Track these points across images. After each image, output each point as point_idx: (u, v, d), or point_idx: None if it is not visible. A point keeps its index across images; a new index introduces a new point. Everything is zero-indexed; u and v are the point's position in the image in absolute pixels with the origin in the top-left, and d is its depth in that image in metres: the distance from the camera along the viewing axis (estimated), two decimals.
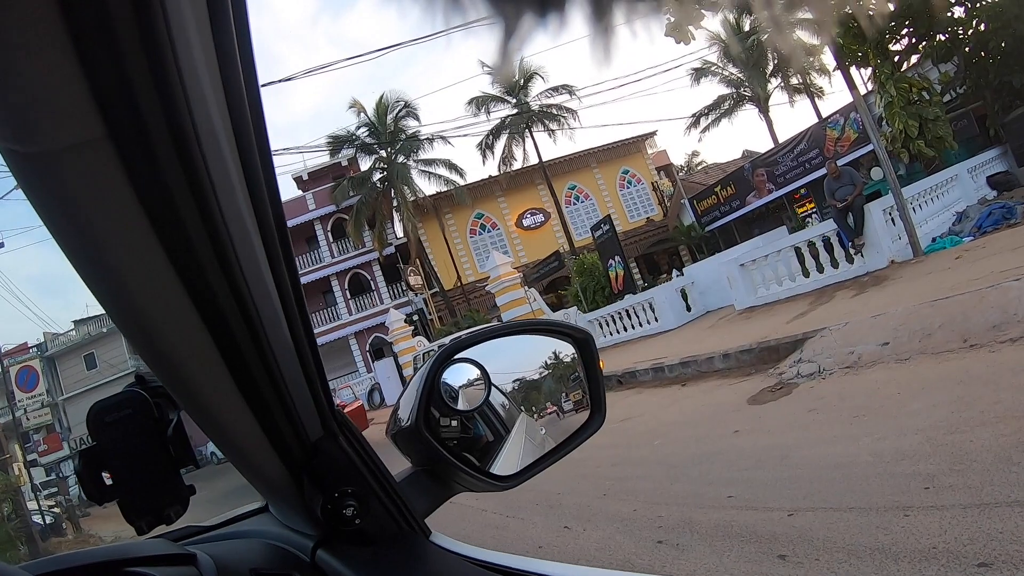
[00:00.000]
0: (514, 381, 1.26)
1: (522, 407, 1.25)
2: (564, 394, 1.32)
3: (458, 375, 1.14)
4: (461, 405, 1.13)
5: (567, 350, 1.33)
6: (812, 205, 27.10)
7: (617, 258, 22.91)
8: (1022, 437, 4.06)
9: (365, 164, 38.00)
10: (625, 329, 19.48)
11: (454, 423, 1.12)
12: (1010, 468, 3.72)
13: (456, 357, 1.16)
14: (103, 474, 0.86)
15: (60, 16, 0.46)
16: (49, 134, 0.52)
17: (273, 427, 0.85)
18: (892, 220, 12.82)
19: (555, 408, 1.30)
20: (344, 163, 39.34)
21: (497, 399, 1.20)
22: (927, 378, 6.09)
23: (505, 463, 1.15)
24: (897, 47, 19.75)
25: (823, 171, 14.83)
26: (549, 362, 1.31)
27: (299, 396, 0.85)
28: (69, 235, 0.60)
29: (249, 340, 0.72)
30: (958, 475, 3.89)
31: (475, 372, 1.16)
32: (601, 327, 20.52)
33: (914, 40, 19.65)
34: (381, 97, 36.28)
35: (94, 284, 0.64)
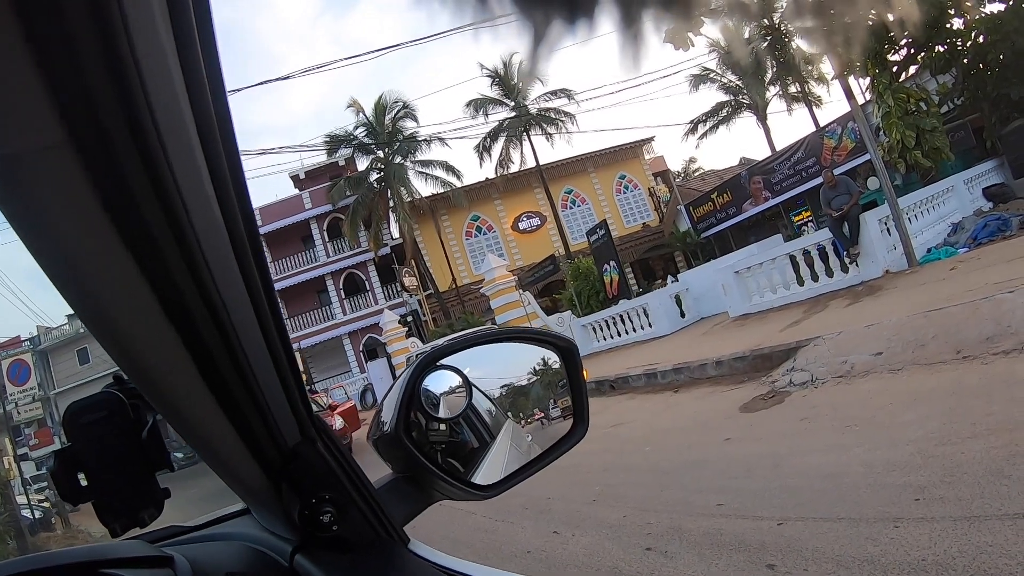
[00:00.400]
0: (502, 387, 1.25)
1: (509, 413, 1.24)
2: (552, 400, 1.31)
3: (440, 382, 1.14)
4: (442, 412, 1.12)
5: (556, 357, 1.32)
6: (808, 214, 27.15)
7: (612, 263, 22.91)
8: (1013, 450, 4.06)
9: (362, 164, 38.00)
10: (619, 334, 19.50)
11: (438, 429, 1.11)
12: (1001, 481, 3.71)
13: (438, 364, 1.15)
14: (78, 475, 0.86)
15: (16, 20, 0.45)
16: (9, 138, 0.50)
17: (249, 432, 0.83)
18: (888, 230, 12.84)
19: (542, 414, 1.29)
20: (341, 163, 39.31)
21: (484, 405, 1.19)
22: (919, 389, 6.09)
23: (489, 470, 1.14)
24: (895, 57, 19.82)
25: (820, 180, 14.86)
26: (538, 368, 1.31)
27: (275, 401, 0.83)
28: (34, 239, 0.58)
29: (221, 345, 0.71)
30: (949, 487, 3.89)
31: (456, 379, 1.15)
32: (595, 331, 20.54)
33: (913, 51, 19.73)
34: (380, 97, 36.33)
35: (62, 287, 0.63)
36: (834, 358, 7.83)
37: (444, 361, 1.16)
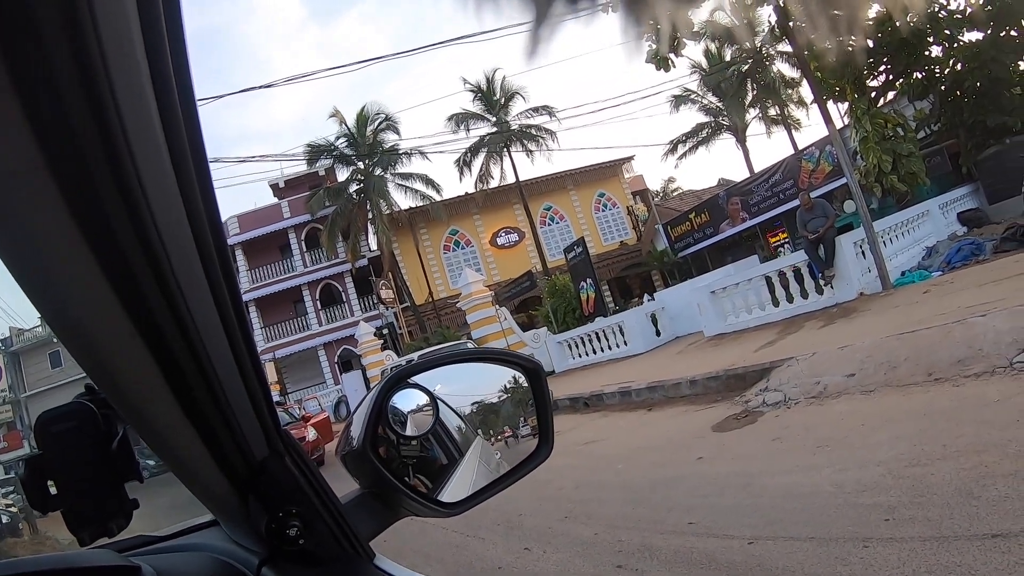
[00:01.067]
0: (473, 404, 1.26)
1: (479, 430, 1.25)
2: (522, 419, 1.32)
3: (408, 400, 1.15)
4: (409, 430, 1.13)
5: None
6: (785, 235, 27.40)
7: (589, 280, 22.98)
8: (983, 471, 4.11)
9: (342, 175, 37.91)
10: (595, 352, 19.53)
11: (407, 445, 1.12)
12: (970, 501, 3.75)
13: (407, 381, 1.16)
14: (48, 483, 0.86)
15: None
16: None
17: (217, 445, 0.84)
18: (863, 253, 13.00)
19: (511, 432, 1.30)
20: (321, 173, 39.21)
21: (453, 422, 1.20)
22: (891, 410, 6.15)
23: (457, 487, 1.15)
24: (874, 83, 20.13)
25: (797, 202, 15.02)
26: (508, 386, 1.32)
27: (243, 415, 0.84)
28: (8, 252, 0.59)
29: (190, 358, 0.72)
30: (918, 508, 3.92)
31: (424, 398, 1.16)
32: (571, 348, 20.57)
33: (891, 77, 20.05)
34: (362, 108, 36.32)
35: (34, 297, 0.64)
36: (807, 379, 7.89)
37: (413, 379, 1.17)
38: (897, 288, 12.30)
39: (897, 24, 17.69)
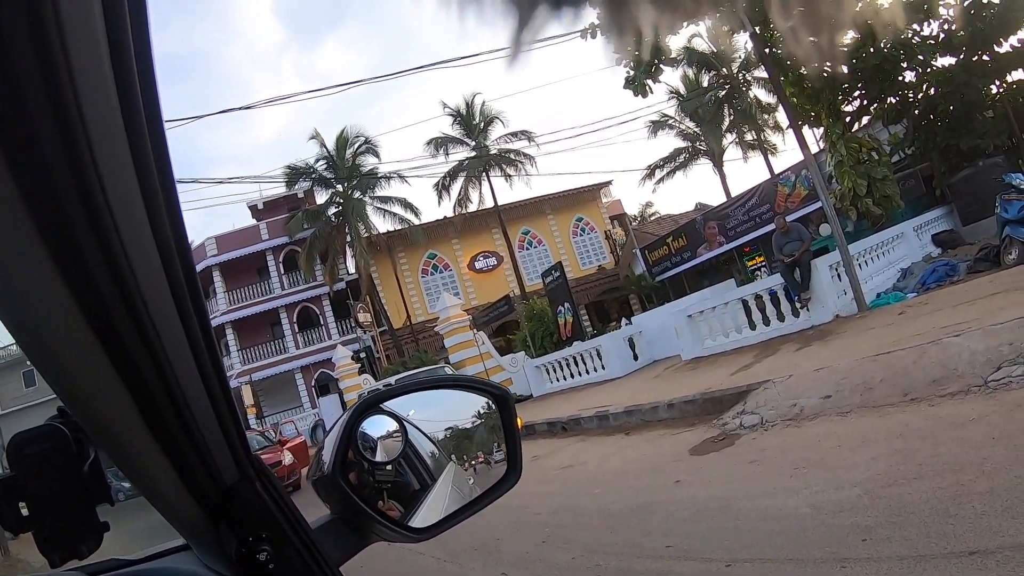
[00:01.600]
0: (446, 430, 1.27)
1: (452, 456, 1.25)
2: (496, 444, 1.33)
3: (378, 426, 1.15)
4: (379, 456, 1.13)
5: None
6: (762, 259, 27.61)
7: (567, 304, 23.03)
8: (959, 490, 4.15)
9: (321, 197, 37.84)
10: (572, 376, 19.51)
11: (382, 470, 1.12)
12: (947, 520, 3.78)
13: (378, 407, 1.16)
14: (20, 504, 0.87)
15: None
16: None
17: (187, 469, 0.84)
18: (838, 276, 13.13)
19: (484, 458, 1.30)
20: (300, 195, 39.11)
21: (426, 447, 1.21)
22: (867, 431, 6.19)
23: (428, 512, 1.15)
24: (849, 108, 20.43)
25: (773, 226, 15.17)
26: (482, 412, 1.32)
27: (213, 439, 0.84)
28: None
29: (160, 384, 0.72)
30: (895, 527, 3.95)
31: (394, 424, 1.17)
32: (548, 372, 20.55)
33: (865, 102, 20.37)
34: (342, 131, 36.35)
35: (5, 321, 0.64)
36: (784, 401, 7.94)
37: (385, 405, 1.18)
38: (873, 310, 12.41)
39: (872, 50, 18.03)
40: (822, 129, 19.90)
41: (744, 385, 9.26)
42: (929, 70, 19.49)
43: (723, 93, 34.79)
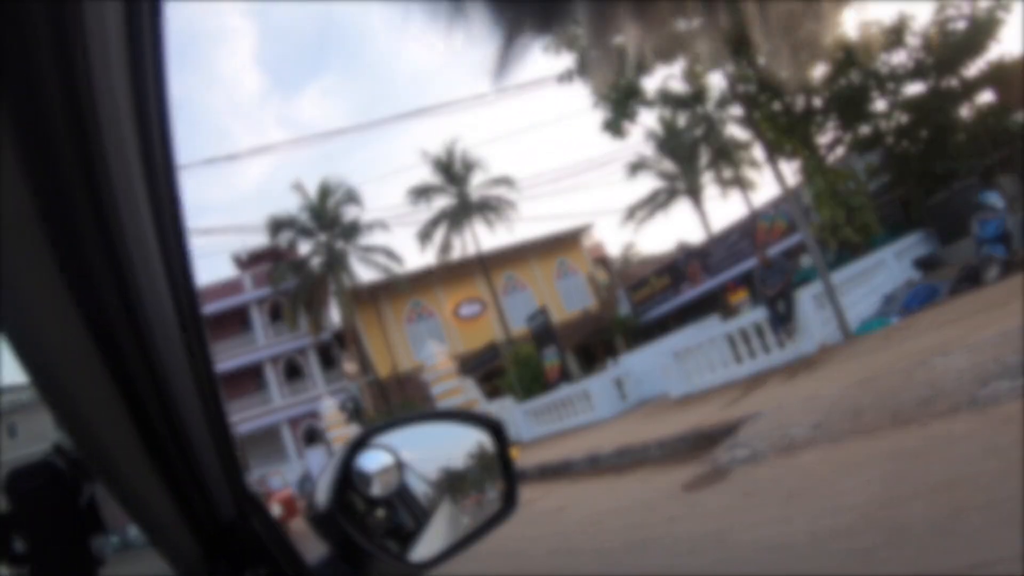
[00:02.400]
0: (439, 468, 1.27)
1: (446, 494, 1.25)
2: (489, 483, 1.32)
3: (373, 461, 1.15)
4: (375, 490, 1.14)
5: (490, 441, 1.34)
6: (745, 293, 27.71)
7: (553, 347, 23.01)
8: (956, 506, 4.15)
9: (304, 248, 37.82)
10: (561, 419, 19.42)
11: (375, 507, 1.12)
12: (945, 538, 3.77)
13: (372, 443, 1.17)
14: (15, 539, 0.87)
15: None
16: None
17: (186, 503, 0.85)
18: (822, 305, 13.22)
19: (478, 497, 1.30)
20: (284, 246, 39.05)
21: (420, 485, 1.21)
22: (859, 456, 6.18)
23: (427, 546, 1.15)
24: (823, 139, 20.70)
25: (755, 260, 15.30)
26: (474, 452, 1.32)
27: (212, 476, 0.86)
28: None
29: (163, 418, 0.74)
30: (895, 548, 3.94)
31: (389, 459, 1.17)
32: (537, 417, 20.43)
33: (839, 132, 20.66)
34: (323, 181, 36.50)
35: (19, 355, 0.65)
36: (775, 432, 7.92)
37: (378, 440, 1.18)
38: (858, 336, 12.51)
39: (843, 81, 18.38)
40: (799, 162, 20.16)
41: (734, 419, 9.24)
42: (899, 99, 19.86)
43: (699, 132, 35.25)
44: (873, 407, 7.09)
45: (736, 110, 21.70)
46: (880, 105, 20.30)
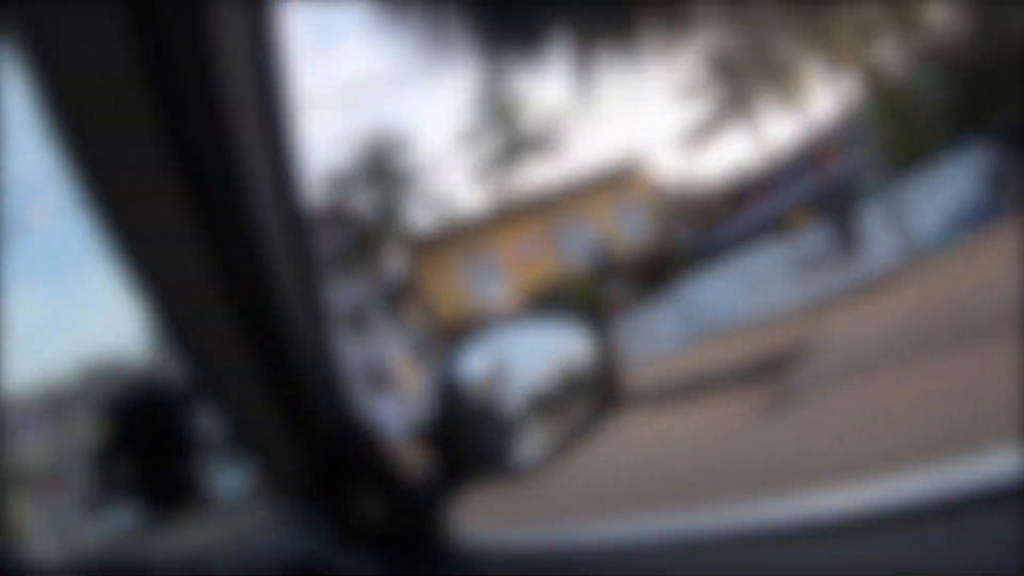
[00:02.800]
0: (542, 370, 1.24)
1: (547, 396, 1.23)
2: (591, 382, 1.30)
3: (476, 365, 1.13)
4: (479, 396, 1.12)
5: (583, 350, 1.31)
6: (808, 214, 27.06)
7: (615, 280, 22.95)
8: None
9: (362, 199, 37.80)
10: (626, 351, 19.34)
11: (481, 411, 1.12)
12: None
13: (472, 350, 1.15)
14: (122, 463, 0.91)
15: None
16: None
17: (293, 417, 0.85)
18: (886, 225, 12.86)
19: (578, 399, 1.28)
20: (340, 202, 39.09)
21: (523, 386, 1.18)
22: (932, 381, 6.01)
23: (531, 450, 1.14)
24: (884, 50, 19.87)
25: (819, 182, 14.96)
26: (572, 357, 1.29)
27: (316, 392, 0.86)
28: (132, 244, 0.65)
29: (273, 340, 0.76)
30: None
31: (492, 363, 1.15)
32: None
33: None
34: (371, 132, 36.30)
35: (147, 292, 0.68)
36: (844, 355, 7.77)
37: (484, 342, 1.17)
38: (924, 255, 12.16)
39: None
40: (859, 76, 19.39)
41: (803, 343, 9.12)
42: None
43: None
44: (946, 327, 6.89)
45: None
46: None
